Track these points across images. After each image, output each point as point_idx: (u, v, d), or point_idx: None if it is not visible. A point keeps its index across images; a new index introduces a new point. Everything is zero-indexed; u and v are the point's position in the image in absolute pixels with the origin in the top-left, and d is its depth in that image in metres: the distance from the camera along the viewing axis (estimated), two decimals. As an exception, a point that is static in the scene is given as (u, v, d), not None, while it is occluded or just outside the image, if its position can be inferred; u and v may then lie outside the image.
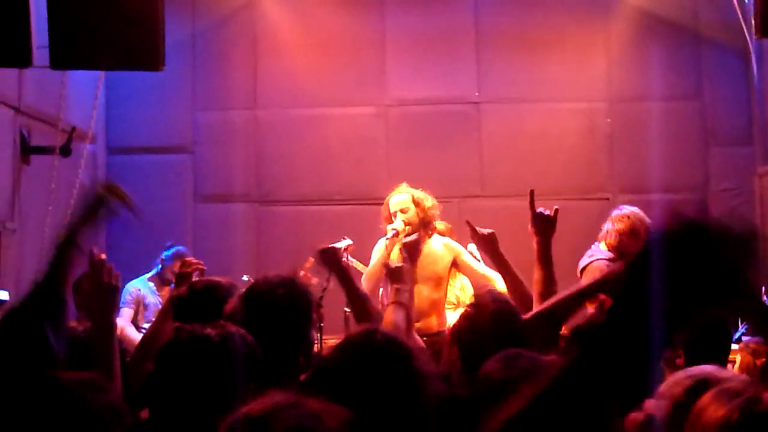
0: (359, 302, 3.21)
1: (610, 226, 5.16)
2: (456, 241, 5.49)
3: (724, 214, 1.18)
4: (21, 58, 4.67)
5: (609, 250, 5.10)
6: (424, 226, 5.20)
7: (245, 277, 5.60)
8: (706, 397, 1.54)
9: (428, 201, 5.33)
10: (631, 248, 5.12)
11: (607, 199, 7.55)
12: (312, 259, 5.23)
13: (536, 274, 3.30)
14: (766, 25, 5.09)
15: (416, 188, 5.41)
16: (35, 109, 6.25)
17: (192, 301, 2.99)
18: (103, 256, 2.64)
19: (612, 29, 7.95)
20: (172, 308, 3.12)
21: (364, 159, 7.87)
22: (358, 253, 5.51)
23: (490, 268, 4.80)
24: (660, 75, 7.85)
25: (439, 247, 5.28)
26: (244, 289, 2.73)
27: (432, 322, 5.17)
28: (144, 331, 5.42)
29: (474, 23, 7.98)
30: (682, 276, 1.14)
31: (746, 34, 7.28)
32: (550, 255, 3.35)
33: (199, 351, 2.06)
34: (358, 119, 7.99)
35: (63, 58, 4.88)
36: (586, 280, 4.74)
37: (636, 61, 7.91)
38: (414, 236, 3.82)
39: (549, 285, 3.25)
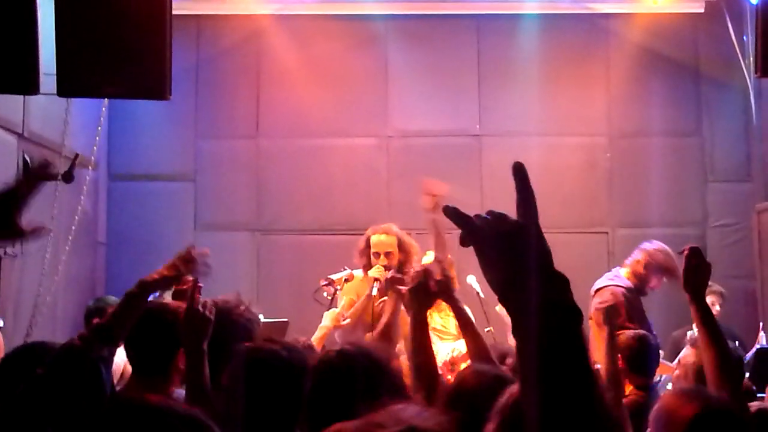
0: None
1: (638, 256, 5.15)
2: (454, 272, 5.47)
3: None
4: (29, 86, 4.70)
5: (628, 278, 5.08)
6: (400, 270, 5.06)
7: None
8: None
9: (413, 247, 5.29)
10: (651, 283, 5.10)
11: (606, 233, 7.58)
12: (321, 283, 5.24)
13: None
14: (766, 64, 5.14)
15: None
16: (39, 135, 6.28)
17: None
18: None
19: (612, 65, 8.02)
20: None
21: (366, 189, 7.90)
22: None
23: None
24: (660, 111, 7.92)
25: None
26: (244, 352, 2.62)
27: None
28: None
29: (476, 57, 8.04)
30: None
31: (745, 71, 7.36)
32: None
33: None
34: (360, 150, 8.03)
35: (69, 86, 4.90)
36: (596, 302, 4.72)
37: (636, 97, 7.97)
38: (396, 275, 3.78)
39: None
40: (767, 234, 7.32)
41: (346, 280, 5.38)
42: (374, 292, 4.97)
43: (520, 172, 1.29)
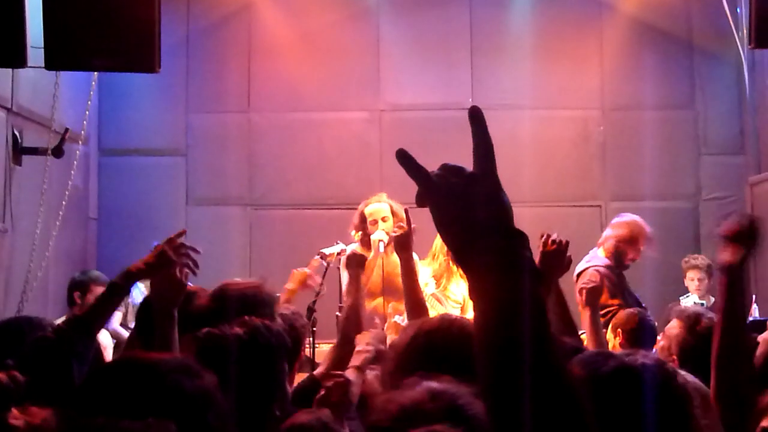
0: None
1: (609, 232, 5.20)
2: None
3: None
4: (16, 59, 4.66)
5: (606, 257, 5.12)
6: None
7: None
8: None
9: (403, 213, 5.46)
10: (629, 255, 5.16)
11: (600, 206, 7.57)
12: (316, 259, 5.31)
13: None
14: (760, 36, 5.12)
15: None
16: (28, 109, 6.23)
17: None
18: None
19: (606, 38, 7.98)
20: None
21: (358, 163, 7.88)
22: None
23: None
24: (653, 84, 7.88)
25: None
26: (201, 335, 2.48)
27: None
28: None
29: (468, 29, 7.99)
30: None
31: (738, 44, 7.32)
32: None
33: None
34: (352, 124, 8.00)
35: (58, 59, 4.86)
36: (580, 284, 4.77)
37: (629, 70, 7.94)
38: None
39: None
40: (760, 207, 7.33)
41: (339, 255, 5.40)
42: (381, 249, 5.10)
43: (476, 117, 1.16)
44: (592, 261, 5.11)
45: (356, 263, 3.70)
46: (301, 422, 2.15)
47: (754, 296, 6.02)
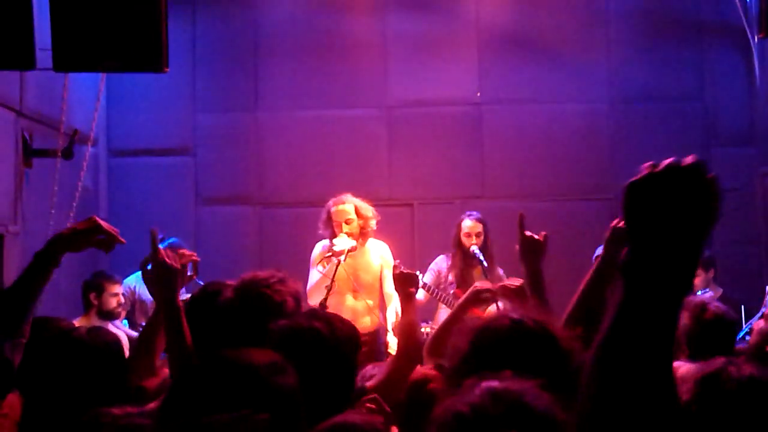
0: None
1: None
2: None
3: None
4: (24, 61, 4.67)
5: None
6: (362, 235, 5.74)
7: None
8: None
9: (369, 211, 5.79)
10: None
11: (610, 199, 7.54)
12: (325, 254, 5.45)
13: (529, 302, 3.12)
14: (769, 25, 5.08)
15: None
16: (37, 111, 6.24)
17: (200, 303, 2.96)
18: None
19: (613, 30, 7.95)
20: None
21: (366, 160, 7.87)
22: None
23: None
24: (662, 75, 7.85)
25: (372, 258, 5.80)
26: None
27: (367, 322, 5.72)
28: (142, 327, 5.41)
29: (475, 25, 7.97)
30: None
31: (748, 34, 7.28)
32: (541, 280, 3.16)
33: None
34: (360, 121, 7.99)
35: (66, 60, 4.87)
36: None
37: (637, 62, 7.90)
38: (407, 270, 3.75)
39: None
40: (771, 198, 7.29)
41: (350, 251, 5.46)
42: (343, 259, 5.37)
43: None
44: None
45: (407, 283, 3.56)
46: (354, 422, 2.06)
47: (767, 287, 5.98)
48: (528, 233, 3.22)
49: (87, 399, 2.04)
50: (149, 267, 2.69)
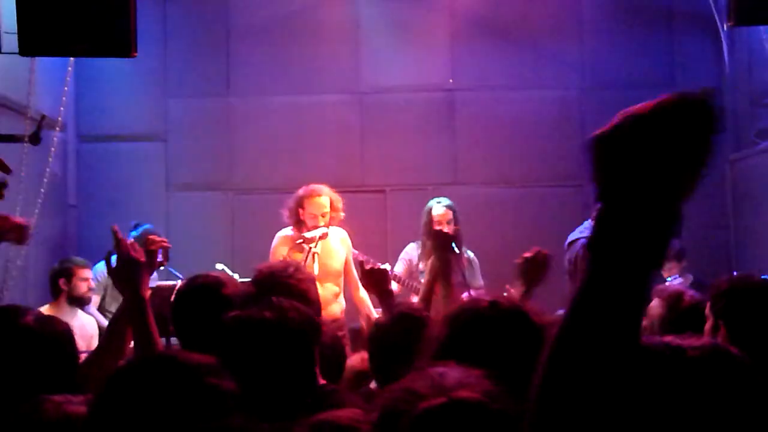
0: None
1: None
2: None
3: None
4: (-11, 45, 4.59)
5: None
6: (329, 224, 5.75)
7: (219, 266, 5.58)
8: None
9: (340, 203, 5.76)
10: None
11: (580, 185, 7.58)
12: (296, 241, 5.44)
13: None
14: (739, 14, 5.12)
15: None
16: (3, 96, 6.15)
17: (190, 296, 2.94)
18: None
19: (586, 17, 7.97)
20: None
21: (339, 146, 7.85)
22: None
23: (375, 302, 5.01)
24: (633, 63, 7.89)
25: (337, 245, 5.75)
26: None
27: (335, 309, 5.69)
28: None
29: (448, 10, 7.96)
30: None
31: (718, 22, 7.33)
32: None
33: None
34: (332, 107, 7.95)
35: (32, 44, 4.80)
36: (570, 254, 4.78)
37: (609, 49, 7.94)
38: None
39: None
40: (741, 184, 7.37)
41: (321, 238, 5.44)
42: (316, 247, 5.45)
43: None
44: (585, 233, 5.09)
45: (377, 279, 3.70)
46: (337, 420, 2.03)
47: (735, 273, 6.06)
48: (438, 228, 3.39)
49: (32, 387, 2.02)
50: (113, 261, 2.66)
